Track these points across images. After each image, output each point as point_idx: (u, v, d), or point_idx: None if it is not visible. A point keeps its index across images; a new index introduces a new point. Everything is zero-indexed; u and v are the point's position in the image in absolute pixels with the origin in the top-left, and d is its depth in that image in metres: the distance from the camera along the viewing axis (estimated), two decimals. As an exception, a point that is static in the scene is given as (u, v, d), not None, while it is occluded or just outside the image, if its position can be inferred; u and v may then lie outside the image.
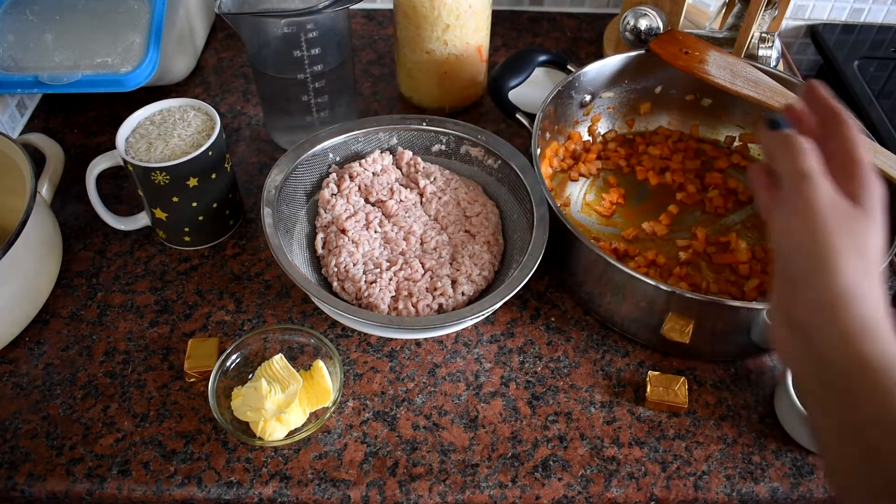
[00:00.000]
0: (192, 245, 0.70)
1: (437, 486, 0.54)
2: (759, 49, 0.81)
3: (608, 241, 0.70)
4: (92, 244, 0.71)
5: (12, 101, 0.82)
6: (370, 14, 1.02)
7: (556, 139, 0.77)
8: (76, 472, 0.54)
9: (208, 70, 0.92)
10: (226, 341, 0.63)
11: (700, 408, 0.60)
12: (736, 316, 0.57)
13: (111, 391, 0.59)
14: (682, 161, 0.78)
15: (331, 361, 0.58)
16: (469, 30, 0.78)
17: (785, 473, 0.56)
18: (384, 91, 0.90)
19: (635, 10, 0.81)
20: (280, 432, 0.55)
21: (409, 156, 0.71)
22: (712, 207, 0.74)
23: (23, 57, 0.73)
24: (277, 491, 0.54)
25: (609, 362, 0.63)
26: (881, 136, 0.87)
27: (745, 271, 0.68)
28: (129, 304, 0.66)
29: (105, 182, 0.75)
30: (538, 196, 0.64)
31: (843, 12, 1.05)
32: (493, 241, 0.66)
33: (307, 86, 0.73)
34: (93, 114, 0.85)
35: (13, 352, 0.62)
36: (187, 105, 0.67)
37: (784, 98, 0.70)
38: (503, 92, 0.74)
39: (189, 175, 0.63)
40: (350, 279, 0.61)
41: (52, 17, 0.75)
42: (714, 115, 0.81)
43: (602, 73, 0.77)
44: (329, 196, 0.67)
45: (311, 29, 0.68)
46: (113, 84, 0.72)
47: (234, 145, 0.82)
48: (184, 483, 0.54)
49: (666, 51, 0.74)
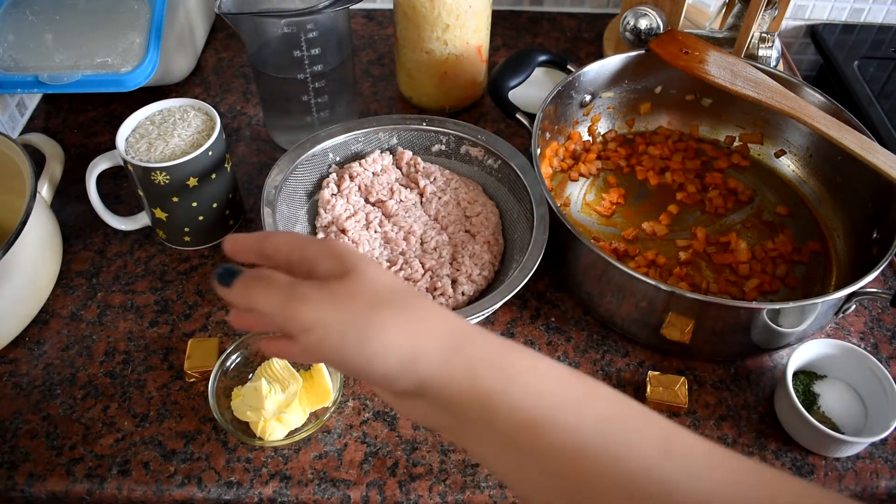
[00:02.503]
0: (192, 245, 0.70)
1: (437, 486, 0.54)
2: (759, 49, 0.81)
3: (608, 241, 0.70)
4: (92, 244, 0.71)
5: (12, 101, 0.82)
6: (370, 14, 1.02)
7: (556, 139, 0.77)
8: (76, 472, 0.54)
9: (208, 70, 0.92)
10: (226, 341, 0.63)
11: (700, 408, 0.60)
12: (736, 316, 0.57)
13: (111, 391, 0.59)
14: (682, 161, 0.78)
15: (331, 361, 0.58)
16: (469, 30, 0.78)
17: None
18: (384, 91, 0.90)
19: (635, 10, 0.81)
20: (280, 432, 0.55)
21: (409, 156, 0.71)
22: (712, 207, 0.74)
23: (23, 57, 0.73)
24: (277, 491, 0.54)
25: (609, 362, 0.63)
26: (881, 136, 0.87)
27: (745, 271, 0.68)
28: (129, 304, 0.66)
29: (105, 182, 0.75)
30: (538, 196, 0.64)
31: (843, 12, 1.05)
32: (493, 241, 0.66)
33: (307, 86, 0.73)
34: (93, 114, 0.85)
35: (13, 352, 0.62)
36: (187, 105, 0.67)
37: (784, 98, 0.70)
38: (503, 92, 0.74)
39: (189, 175, 0.63)
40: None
41: (52, 17, 0.75)
42: (714, 115, 0.81)
43: (602, 73, 0.77)
44: (329, 196, 0.67)
45: (311, 29, 0.68)
46: (113, 84, 0.72)
47: (234, 145, 0.82)
48: (184, 483, 0.54)
49: (666, 51, 0.74)
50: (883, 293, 0.57)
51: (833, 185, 0.74)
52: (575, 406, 0.33)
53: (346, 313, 0.34)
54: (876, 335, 0.66)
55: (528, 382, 0.33)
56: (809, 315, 0.58)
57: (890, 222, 0.63)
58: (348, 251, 0.37)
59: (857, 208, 0.70)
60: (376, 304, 0.34)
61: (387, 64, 0.94)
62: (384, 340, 0.33)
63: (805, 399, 0.59)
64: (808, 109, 0.69)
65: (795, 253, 0.70)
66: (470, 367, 0.33)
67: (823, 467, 0.57)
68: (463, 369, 0.33)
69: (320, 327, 0.34)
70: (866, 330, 0.66)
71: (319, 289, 0.35)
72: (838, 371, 0.60)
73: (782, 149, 0.79)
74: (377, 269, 0.36)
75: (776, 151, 0.79)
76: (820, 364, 0.61)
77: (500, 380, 0.33)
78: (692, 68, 0.72)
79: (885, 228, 0.63)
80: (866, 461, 0.57)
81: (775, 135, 0.79)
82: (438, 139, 0.71)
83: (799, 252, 0.70)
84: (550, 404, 0.33)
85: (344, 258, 0.36)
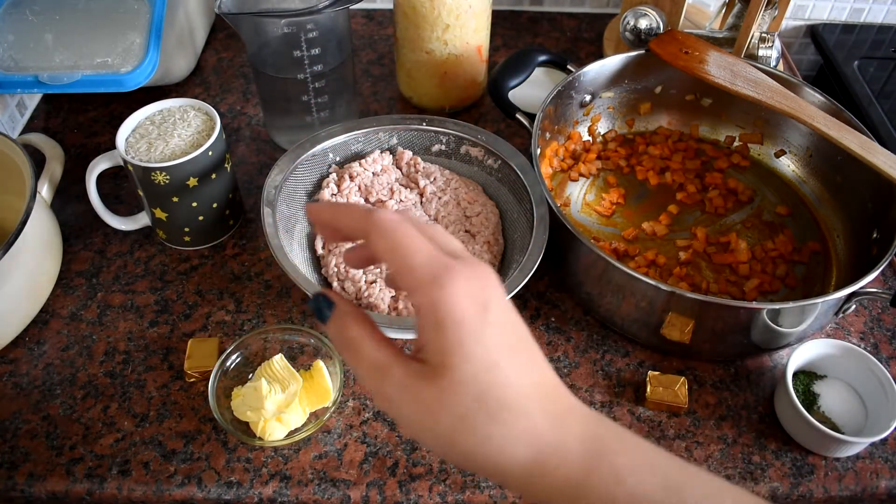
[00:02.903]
0: (192, 245, 0.70)
1: (437, 486, 0.54)
2: (759, 49, 0.81)
3: (608, 241, 0.70)
4: (92, 244, 0.71)
5: (12, 101, 0.82)
6: (370, 14, 1.02)
7: (556, 139, 0.77)
8: (76, 472, 0.54)
9: (208, 70, 0.92)
10: (226, 341, 0.63)
11: (700, 408, 0.60)
12: (736, 316, 0.57)
13: (111, 391, 0.59)
14: (682, 161, 0.78)
15: (331, 361, 0.58)
16: (469, 30, 0.78)
17: (785, 473, 0.56)
18: (384, 91, 0.90)
19: (635, 10, 0.81)
20: (280, 432, 0.55)
21: (409, 156, 0.71)
22: (712, 207, 0.74)
23: (23, 57, 0.73)
24: (277, 491, 0.54)
25: (609, 362, 0.63)
26: (881, 136, 0.87)
27: (745, 271, 0.68)
28: (129, 304, 0.66)
29: (105, 182, 0.75)
30: (538, 196, 0.64)
31: (843, 12, 1.05)
32: (493, 241, 0.66)
33: (307, 86, 0.73)
34: (93, 114, 0.85)
35: (13, 352, 0.62)
36: (187, 105, 0.67)
37: (784, 98, 0.70)
38: (503, 92, 0.74)
39: (189, 175, 0.63)
40: (350, 279, 0.61)
41: (52, 17, 0.75)
42: (714, 115, 0.81)
43: (602, 73, 0.77)
44: (329, 196, 0.67)
45: (311, 29, 0.68)
46: (113, 84, 0.72)
47: (234, 145, 0.82)
48: (184, 483, 0.54)
49: (666, 51, 0.74)
50: (883, 293, 0.57)
51: (833, 185, 0.74)
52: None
53: (426, 434, 0.31)
54: (876, 335, 0.66)
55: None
56: (809, 315, 0.58)
57: (890, 222, 0.63)
58: (450, 324, 0.30)
59: (857, 208, 0.70)
60: (459, 425, 0.30)
61: (387, 64, 0.94)
62: (468, 444, 0.30)
63: (805, 399, 0.59)
64: (808, 109, 0.69)
65: (795, 253, 0.70)
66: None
67: (823, 467, 0.57)
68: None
69: (400, 421, 0.32)
70: (866, 330, 0.66)
71: (403, 391, 0.31)
72: (838, 371, 0.60)
73: (782, 149, 0.79)
74: (477, 364, 0.30)
75: (776, 151, 0.79)
76: (820, 364, 0.61)
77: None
78: (692, 68, 0.72)
79: (885, 228, 0.63)
80: (866, 461, 0.57)
81: (775, 135, 0.79)
82: (438, 139, 0.71)
83: (799, 252, 0.70)
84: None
85: (445, 339, 0.30)
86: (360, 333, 0.32)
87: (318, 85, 0.73)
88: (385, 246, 0.31)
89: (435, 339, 0.30)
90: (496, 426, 0.30)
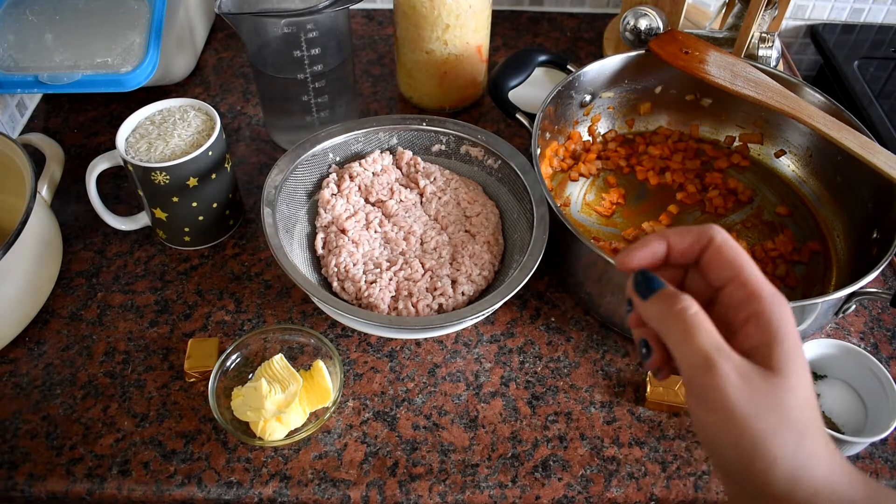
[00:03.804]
0: (192, 245, 0.70)
1: (437, 486, 0.54)
2: (759, 49, 0.81)
3: (608, 241, 0.70)
4: (92, 244, 0.71)
5: (12, 101, 0.82)
6: (370, 14, 1.02)
7: (556, 139, 0.77)
8: (76, 472, 0.54)
9: (208, 70, 0.92)
10: (226, 341, 0.63)
11: (700, 408, 0.60)
12: (736, 316, 0.57)
13: (111, 391, 0.59)
14: (682, 161, 0.78)
15: (331, 361, 0.58)
16: (469, 30, 0.78)
17: (785, 473, 0.56)
18: (384, 91, 0.90)
19: (635, 10, 0.81)
20: (280, 432, 0.55)
21: (409, 156, 0.71)
22: (712, 207, 0.74)
23: (23, 57, 0.73)
24: (277, 491, 0.54)
25: (609, 362, 0.63)
26: (881, 136, 0.87)
27: (745, 271, 0.68)
28: (129, 304, 0.66)
29: (105, 182, 0.75)
30: (538, 196, 0.64)
31: (843, 12, 1.05)
32: (493, 241, 0.66)
33: (307, 86, 0.73)
34: (93, 114, 0.85)
35: (13, 352, 0.62)
36: (187, 105, 0.67)
37: (784, 98, 0.70)
38: (503, 92, 0.74)
39: (189, 175, 0.63)
40: (350, 279, 0.61)
41: (52, 17, 0.75)
42: (714, 115, 0.81)
43: (602, 73, 0.77)
44: (329, 196, 0.67)
45: (311, 29, 0.68)
46: (113, 84, 0.72)
47: (235, 145, 0.82)
48: (184, 483, 0.54)
49: (666, 51, 0.74)
50: (883, 293, 0.57)
51: (833, 185, 0.74)
52: None
53: (757, 407, 0.32)
54: (876, 335, 0.66)
55: None
56: (809, 315, 0.58)
57: (890, 222, 0.63)
58: (789, 350, 0.33)
59: (857, 208, 0.70)
60: (788, 413, 0.33)
61: (387, 64, 0.94)
62: (781, 450, 0.32)
63: (805, 399, 0.59)
64: (808, 109, 0.69)
65: (795, 253, 0.70)
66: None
67: (823, 467, 0.56)
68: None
69: (726, 412, 0.33)
70: (866, 330, 0.66)
71: (739, 373, 0.33)
72: (838, 371, 0.60)
73: (782, 149, 0.79)
74: (805, 377, 0.33)
75: (776, 151, 0.79)
76: (820, 364, 0.61)
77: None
78: (692, 68, 0.72)
79: (885, 228, 0.63)
80: (866, 461, 0.57)
81: (775, 135, 0.79)
82: (438, 139, 0.71)
83: (799, 252, 0.70)
84: None
85: (782, 347, 0.33)
86: (701, 311, 0.34)
87: (318, 85, 0.73)
88: (730, 255, 0.35)
89: (772, 345, 0.33)
90: (808, 438, 0.33)
